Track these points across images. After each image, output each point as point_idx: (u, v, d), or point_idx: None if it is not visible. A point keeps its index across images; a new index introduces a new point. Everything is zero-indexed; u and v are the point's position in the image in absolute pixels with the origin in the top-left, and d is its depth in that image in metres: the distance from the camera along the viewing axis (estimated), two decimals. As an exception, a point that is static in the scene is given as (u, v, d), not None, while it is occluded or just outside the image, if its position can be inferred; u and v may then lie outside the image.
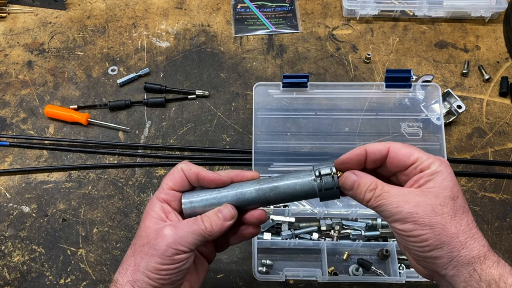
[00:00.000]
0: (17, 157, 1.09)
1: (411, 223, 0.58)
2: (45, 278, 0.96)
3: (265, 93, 1.01)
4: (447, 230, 0.57)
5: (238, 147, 1.10)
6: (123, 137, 1.12)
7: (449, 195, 0.59)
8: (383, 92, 1.00)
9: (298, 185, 0.67)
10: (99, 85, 1.18)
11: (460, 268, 0.57)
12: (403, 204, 0.59)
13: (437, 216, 0.58)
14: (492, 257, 0.58)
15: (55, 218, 1.02)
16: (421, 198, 0.59)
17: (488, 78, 1.18)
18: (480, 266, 0.56)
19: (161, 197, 0.68)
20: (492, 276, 0.56)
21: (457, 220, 0.58)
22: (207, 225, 0.65)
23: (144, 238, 0.65)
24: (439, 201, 0.58)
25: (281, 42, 1.25)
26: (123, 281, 0.63)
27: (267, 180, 0.69)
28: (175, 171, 0.69)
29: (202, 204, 0.68)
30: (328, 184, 0.66)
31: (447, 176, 0.60)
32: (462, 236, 0.57)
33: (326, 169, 0.66)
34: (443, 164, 0.61)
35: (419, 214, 0.58)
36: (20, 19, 1.27)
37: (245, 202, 0.68)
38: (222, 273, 0.97)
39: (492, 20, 1.27)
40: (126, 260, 0.65)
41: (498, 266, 0.57)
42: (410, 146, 0.63)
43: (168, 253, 0.62)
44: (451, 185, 0.60)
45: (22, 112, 1.14)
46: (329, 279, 0.92)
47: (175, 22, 1.27)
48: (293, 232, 0.99)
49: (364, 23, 1.28)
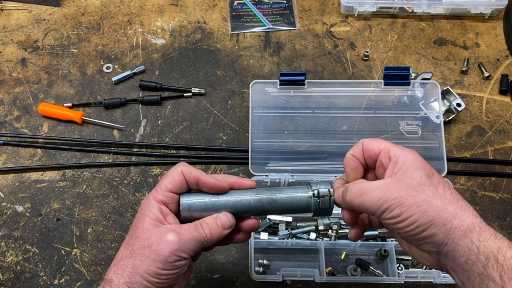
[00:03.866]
0: (11, 155, 1.08)
1: (398, 207, 0.59)
2: (39, 278, 0.95)
3: (262, 91, 1.00)
4: (433, 204, 0.58)
5: (235, 145, 1.09)
6: (118, 135, 1.11)
7: (424, 174, 0.61)
8: (382, 90, 1.00)
9: (295, 200, 0.70)
10: (93, 83, 1.17)
11: (458, 241, 0.57)
12: (385, 193, 0.61)
13: (420, 194, 0.59)
14: (489, 229, 0.57)
15: (49, 218, 1.01)
16: (399, 183, 0.61)
17: (488, 76, 1.17)
18: (477, 238, 0.56)
19: (159, 198, 0.68)
20: (491, 249, 0.55)
21: (440, 193, 0.59)
22: (207, 232, 0.66)
23: (144, 240, 0.64)
24: (416, 181, 0.60)
25: (278, 39, 1.23)
26: (119, 282, 0.63)
27: (265, 192, 0.70)
28: (174, 173, 0.69)
29: (201, 209, 0.69)
30: (325, 204, 0.70)
31: (416, 160, 0.63)
32: (450, 207, 0.58)
33: (325, 190, 0.70)
34: (408, 151, 0.65)
35: (403, 197, 0.59)
36: (13, 16, 1.26)
37: (242, 210, 0.70)
38: (219, 274, 0.96)
39: (492, 17, 1.26)
40: (122, 260, 0.65)
41: (496, 239, 0.56)
42: (379, 139, 0.68)
43: (171, 260, 0.63)
44: (422, 165, 0.62)
45: (16, 110, 1.13)
46: (327, 280, 0.91)
47: (171, 19, 1.26)
48: (290, 231, 0.98)
49: (362, 20, 1.27)
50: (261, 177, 0.97)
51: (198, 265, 0.96)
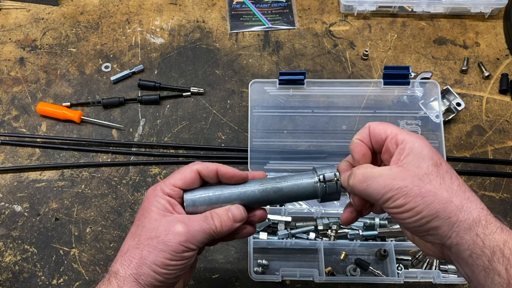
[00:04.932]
0: (9, 155, 1.07)
1: (402, 197, 0.57)
2: (38, 278, 0.94)
3: (261, 90, 1.00)
4: (439, 196, 0.56)
5: (234, 145, 1.09)
6: (116, 135, 1.10)
7: (431, 163, 0.59)
8: (381, 90, 1.00)
9: (301, 188, 0.68)
10: (92, 82, 1.16)
11: (462, 235, 0.56)
12: (389, 181, 0.59)
13: (425, 184, 0.57)
14: (495, 222, 0.56)
15: (47, 218, 1.00)
16: (405, 172, 0.59)
17: (488, 75, 1.17)
18: (483, 231, 0.55)
19: (166, 191, 0.66)
20: (496, 242, 0.54)
21: (447, 183, 0.57)
22: (217, 224, 0.65)
23: (151, 231, 0.63)
24: (423, 171, 0.58)
25: (278, 39, 1.23)
26: (125, 273, 0.62)
27: (270, 181, 0.69)
28: (187, 170, 0.67)
29: (205, 203, 0.67)
30: (332, 189, 0.67)
31: (424, 147, 0.60)
32: (456, 199, 0.56)
33: (330, 174, 0.67)
34: (415, 137, 0.62)
35: (408, 187, 0.57)
36: (12, 15, 1.25)
37: (247, 202, 0.68)
38: (218, 274, 0.95)
39: (492, 16, 1.25)
40: (129, 251, 0.63)
41: (502, 232, 0.55)
42: (386, 123, 0.65)
43: (179, 250, 0.62)
44: (430, 153, 0.60)
45: (14, 109, 1.13)
46: (326, 280, 0.91)
47: (170, 18, 1.26)
48: (289, 231, 0.97)
49: (362, 19, 1.26)
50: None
51: (197, 265, 0.95)
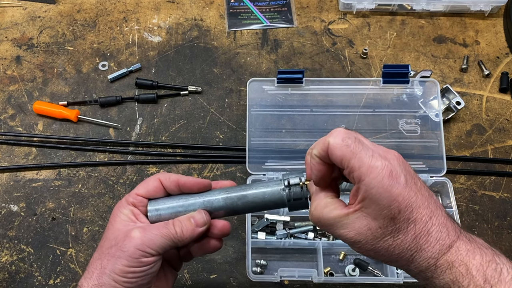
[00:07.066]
0: (5, 154, 1.06)
1: (357, 248, 0.58)
2: (34, 278, 0.94)
3: (259, 89, 1.00)
4: (391, 252, 0.56)
5: (232, 144, 1.08)
6: (113, 134, 1.09)
7: (387, 215, 0.53)
8: (380, 88, 0.99)
9: (267, 194, 0.66)
10: (89, 81, 1.15)
11: (416, 276, 0.57)
12: (346, 232, 0.57)
13: (378, 241, 0.55)
14: (444, 262, 0.54)
15: (44, 217, 1.00)
16: (362, 222, 0.56)
17: (488, 74, 1.16)
18: (431, 275, 0.55)
19: (130, 200, 0.67)
20: (445, 282, 0.54)
21: (400, 238, 0.54)
22: (177, 229, 0.64)
23: (112, 240, 0.64)
24: (378, 224, 0.54)
25: (276, 37, 1.22)
26: (88, 286, 0.62)
27: (236, 189, 0.67)
28: (150, 179, 0.69)
29: (169, 211, 0.67)
30: (296, 194, 0.65)
31: (383, 192, 0.52)
32: (406, 254, 0.55)
33: (295, 179, 0.65)
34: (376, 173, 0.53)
35: (362, 242, 0.56)
36: (8, 13, 1.25)
37: (212, 210, 0.67)
38: (215, 274, 0.95)
39: (492, 14, 1.25)
40: (92, 263, 0.64)
41: (450, 272, 0.54)
42: (348, 146, 0.55)
43: (136, 255, 0.61)
44: (388, 201, 0.52)
45: (10, 108, 1.12)
46: (325, 280, 0.90)
47: (167, 16, 1.25)
48: (288, 231, 0.97)
49: (361, 17, 1.26)
50: (259, 176, 0.96)
51: (195, 265, 0.95)
